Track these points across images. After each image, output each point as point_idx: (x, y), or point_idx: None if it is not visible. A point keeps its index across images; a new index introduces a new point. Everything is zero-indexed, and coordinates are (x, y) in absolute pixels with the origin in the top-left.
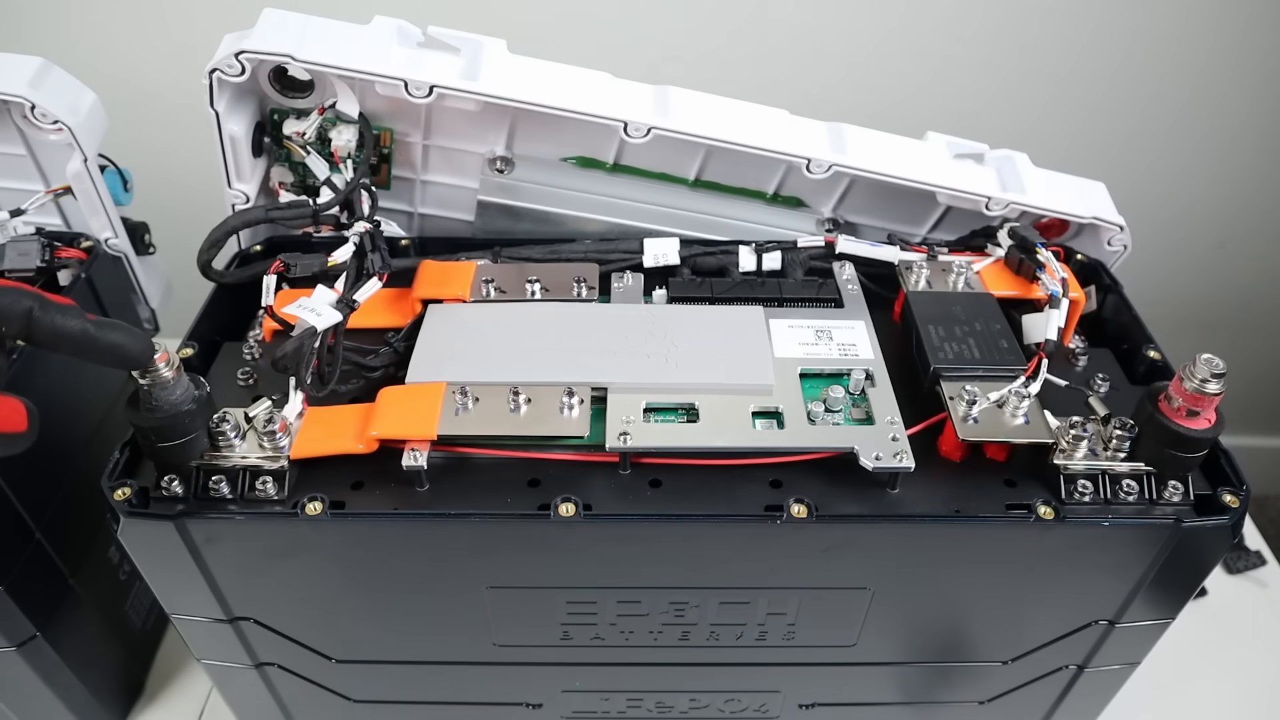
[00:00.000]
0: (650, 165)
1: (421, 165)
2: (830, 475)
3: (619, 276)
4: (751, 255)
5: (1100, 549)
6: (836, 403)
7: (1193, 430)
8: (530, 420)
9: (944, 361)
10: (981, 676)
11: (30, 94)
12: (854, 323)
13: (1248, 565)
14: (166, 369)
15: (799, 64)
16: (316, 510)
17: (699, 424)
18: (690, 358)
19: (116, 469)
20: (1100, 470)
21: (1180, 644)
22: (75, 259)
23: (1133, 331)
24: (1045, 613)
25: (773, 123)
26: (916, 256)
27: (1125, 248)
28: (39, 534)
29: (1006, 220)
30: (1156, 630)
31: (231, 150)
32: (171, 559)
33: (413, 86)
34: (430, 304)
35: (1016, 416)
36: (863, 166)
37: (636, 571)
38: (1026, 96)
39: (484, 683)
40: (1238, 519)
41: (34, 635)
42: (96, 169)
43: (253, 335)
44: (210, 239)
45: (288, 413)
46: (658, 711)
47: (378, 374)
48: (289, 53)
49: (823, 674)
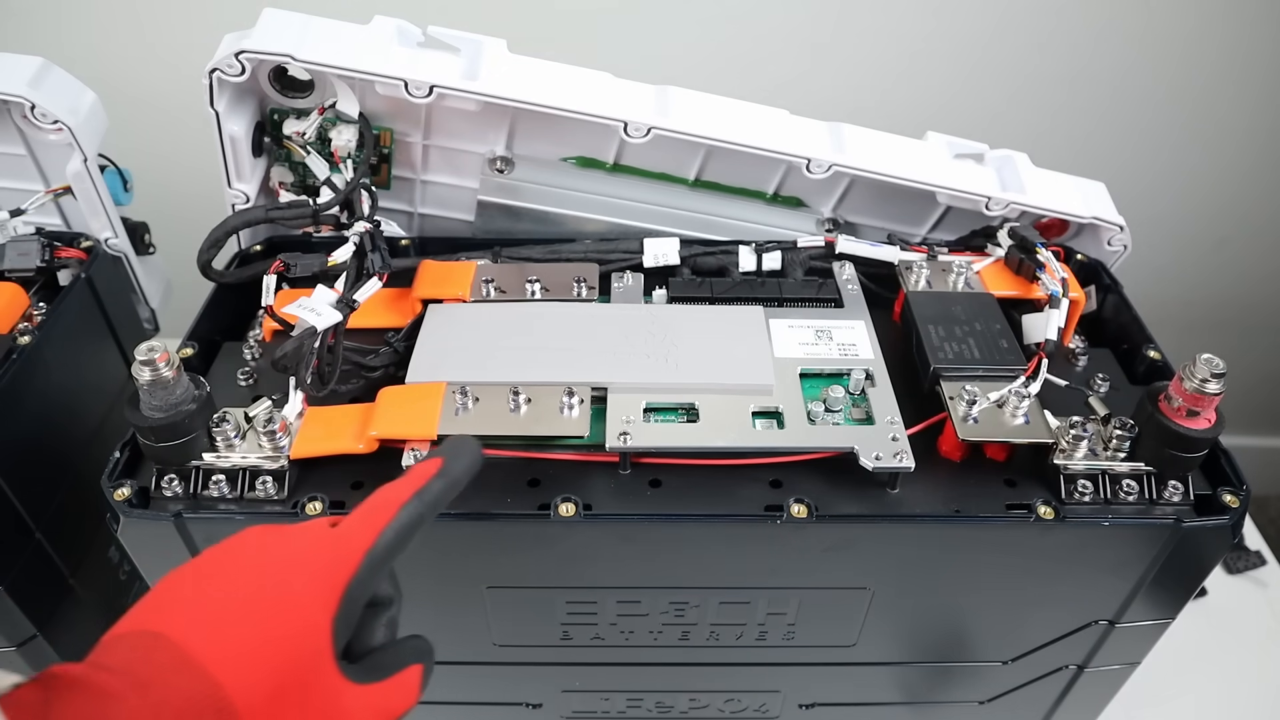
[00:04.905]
0: (650, 165)
1: (421, 165)
2: (830, 475)
3: (619, 276)
4: (751, 255)
5: (1100, 549)
6: (836, 403)
7: (1193, 430)
8: (530, 420)
9: (944, 361)
10: (981, 676)
11: (30, 94)
12: (854, 323)
13: (1248, 565)
14: (166, 369)
15: (799, 64)
16: (316, 510)
17: (699, 424)
18: (690, 358)
19: (116, 469)
20: (1100, 470)
21: (1180, 644)
22: (75, 259)
23: (1133, 331)
24: (1045, 613)
25: (773, 123)
26: (916, 256)
27: (1125, 248)
28: (39, 534)
29: (1006, 220)
30: (1156, 630)
31: (231, 150)
32: (172, 559)
33: (413, 86)
34: (430, 304)
35: (1016, 416)
36: (863, 166)
37: (636, 571)
38: (1026, 97)
39: (484, 683)
40: (1238, 519)
41: (34, 635)
42: (96, 169)
43: (253, 335)
44: (210, 239)
45: (288, 413)
46: (658, 711)
47: (378, 374)
48: (289, 53)
49: (823, 674)
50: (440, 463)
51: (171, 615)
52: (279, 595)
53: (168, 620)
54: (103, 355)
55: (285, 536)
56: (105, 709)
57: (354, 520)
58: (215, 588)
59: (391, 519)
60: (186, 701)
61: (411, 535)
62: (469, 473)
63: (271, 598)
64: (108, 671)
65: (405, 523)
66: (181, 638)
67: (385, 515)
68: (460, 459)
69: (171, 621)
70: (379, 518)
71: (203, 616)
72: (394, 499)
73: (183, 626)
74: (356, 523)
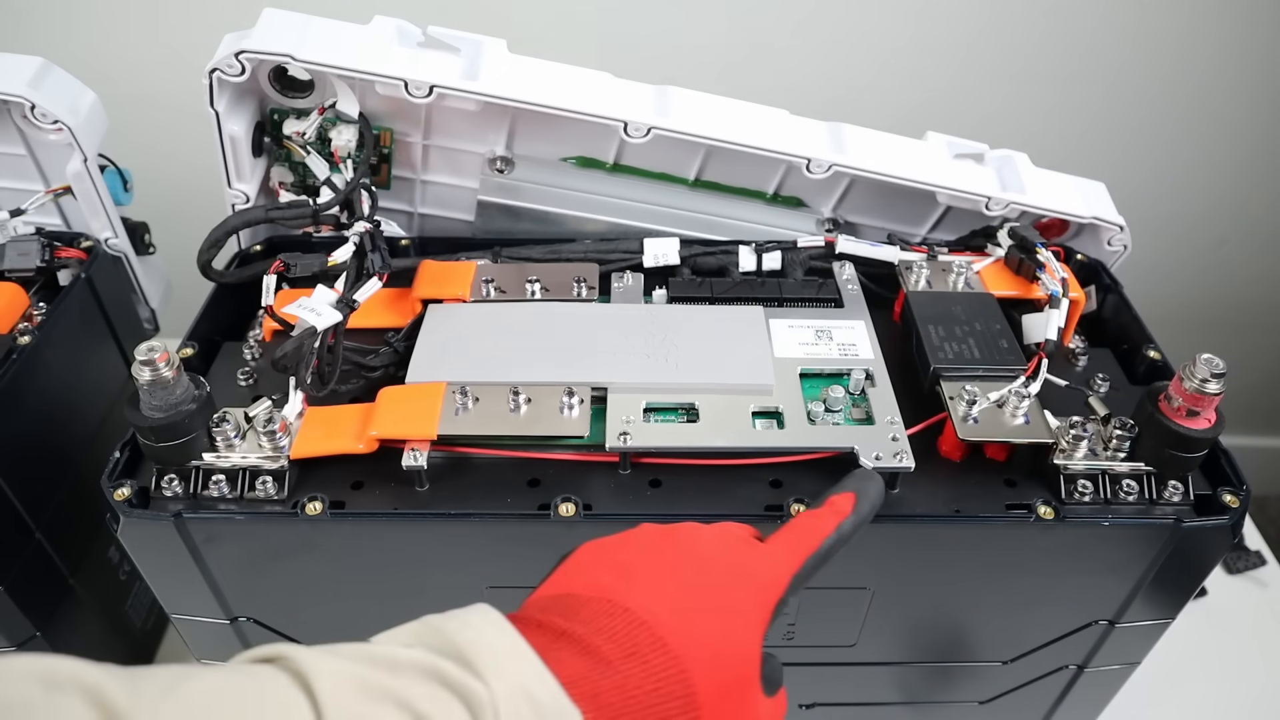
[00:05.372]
0: (650, 165)
1: (421, 165)
2: (830, 475)
3: (619, 276)
4: (751, 255)
5: (1100, 549)
6: (836, 403)
7: (1193, 430)
8: (530, 420)
9: (944, 361)
10: (981, 676)
11: (30, 94)
12: (854, 323)
13: (1248, 565)
14: (166, 369)
15: (799, 64)
16: (316, 510)
17: (699, 424)
18: (690, 358)
19: (116, 469)
20: (1100, 470)
21: (1180, 644)
22: (75, 259)
23: (1133, 331)
24: (1045, 613)
25: (773, 123)
26: (916, 256)
27: (1125, 248)
28: (39, 534)
29: (1006, 220)
30: (1156, 630)
31: (231, 150)
32: (171, 559)
33: (413, 86)
34: (430, 304)
35: (1016, 416)
36: (863, 166)
37: None
38: (1026, 97)
39: None
40: (1238, 519)
41: (34, 635)
42: (96, 169)
43: (253, 335)
44: (210, 239)
45: (288, 413)
46: None
47: (378, 374)
48: (289, 53)
49: (822, 674)
50: (854, 499)
51: (645, 596)
52: (734, 605)
53: (641, 600)
54: (103, 355)
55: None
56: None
57: (782, 543)
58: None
59: (815, 550)
60: (659, 685)
61: (824, 565)
62: (874, 512)
63: (728, 605)
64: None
65: (824, 553)
66: (658, 623)
67: (810, 544)
68: (868, 498)
69: (647, 603)
70: (804, 546)
71: (674, 607)
72: (818, 529)
73: (661, 612)
74: (785, 547)
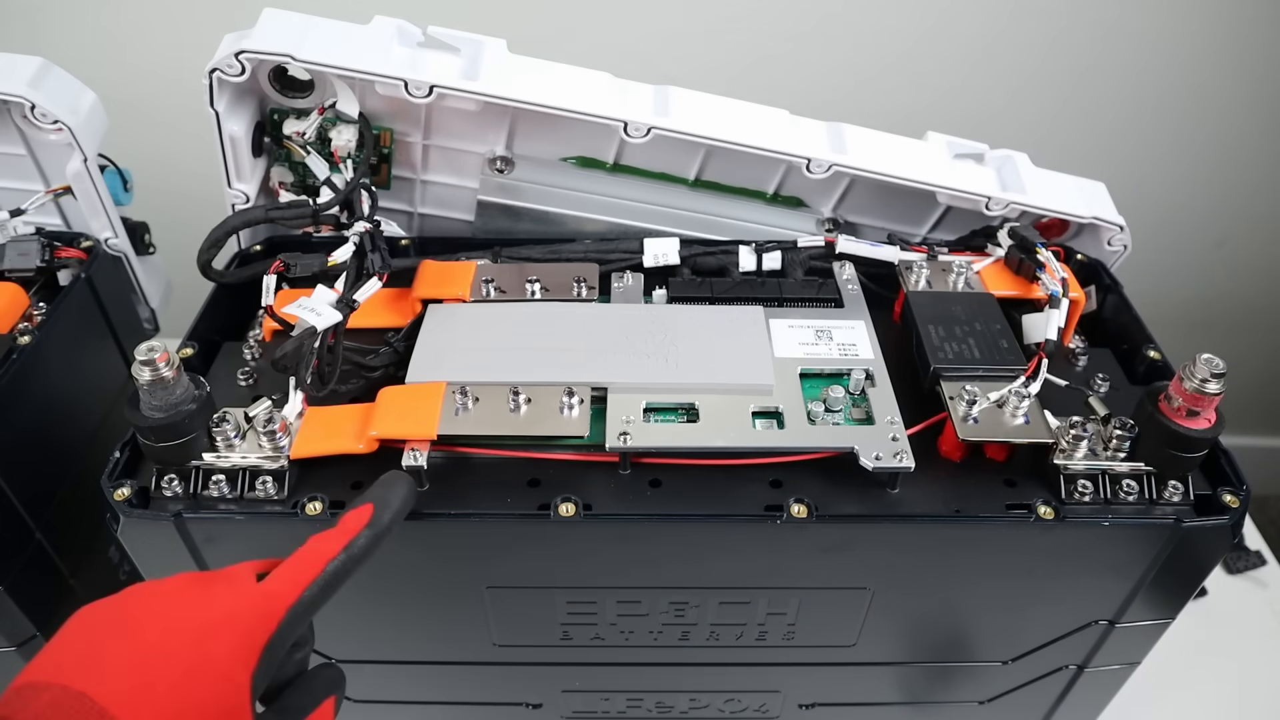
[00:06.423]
0: (650, 165)
1: (421, 165)
2: (830, 475)
3: (619, 276)
4: (751, 255)
5: (1100, 549)
6: (836, 403)
7: (1193, 430)
8: (530, 420)
9: (944, 361)
10: (981, 676)
11: (30, 94)
12: (854, 323)
13: (1248, 565)
14: (166, 369)
15: (799, 64)
16: (316, 510)
17: (699, 424)
18: (690, 358)
19: (116, 469)
20: (1100, 470)
21: (1180, 644)
22: (75, 259)
23: (1133, 331)
24: (1045, 613)
25: (773, 123)
26: (916, 256)
27: (1125, 248)
28: (39, 534)
29: (1006, 220)
30: (1156, 630)
31: (231, 150)
32: (172, 559)
33: (413, 86)
34: (430, 304)
35: (1016, 416)
36: (863, 166)
37: (636, 572)
38: (1027, 97)
39: (484, 683)
40: (1238, 519)
41: (34, 635)
42: (96, 169)
43: (253, 335)
44: (210, 239)
45: (288, 413)
46: (658, 711)
47: (378, 374)
48: (289, 52)
49: (823, 674)
50: (370, 511)
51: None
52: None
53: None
54: (103, 355)
55: (210, 593)
56: None
57: (280, 575)
58: (137, 647)
59: (317, 575)
60: None
61: (337, 588)
62: (399, 518)
63: (194, 662)
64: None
65: (329, 578)
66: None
67: (311, 571)
68: (389, 507)
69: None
70: (305, 574)
71: (127, 682)
72: (322, 553)
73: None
74: (282, 578)
